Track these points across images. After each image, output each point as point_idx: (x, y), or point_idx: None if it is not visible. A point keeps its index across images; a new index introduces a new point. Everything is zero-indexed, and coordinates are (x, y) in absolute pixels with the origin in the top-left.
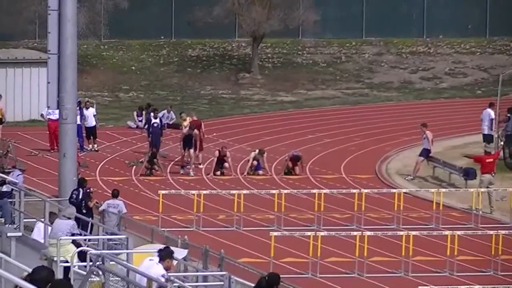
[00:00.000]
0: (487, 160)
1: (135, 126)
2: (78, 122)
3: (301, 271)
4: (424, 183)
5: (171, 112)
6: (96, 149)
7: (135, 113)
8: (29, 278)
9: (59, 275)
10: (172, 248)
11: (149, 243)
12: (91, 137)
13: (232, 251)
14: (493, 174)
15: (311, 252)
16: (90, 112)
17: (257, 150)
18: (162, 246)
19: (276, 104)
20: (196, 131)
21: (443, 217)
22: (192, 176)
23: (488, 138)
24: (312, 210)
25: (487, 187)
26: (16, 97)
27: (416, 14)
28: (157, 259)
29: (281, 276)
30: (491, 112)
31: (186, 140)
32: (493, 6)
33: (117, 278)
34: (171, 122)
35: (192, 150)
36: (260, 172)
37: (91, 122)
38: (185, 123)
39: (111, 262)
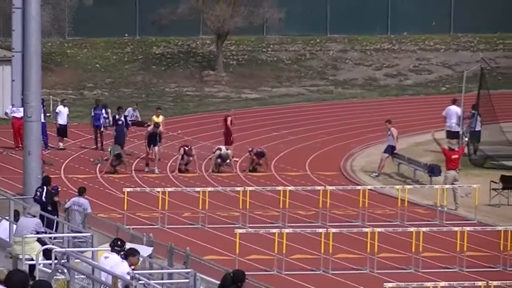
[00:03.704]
0: (452, 157)
1: None
2: (43, 120)
3: (267, 268)
4: (389, 180)
5: (136, 110)
6: (62, 147)
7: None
8: (4, 283)
9: None
10: (137, 246)
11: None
12: (62, 135)
13: (197, 249)
14: (458, 171)
15: (276, 249)
16: (65, 110)
17: (222, 148)
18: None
19: (241, 101)
20: (161, 128)
21: (408, 214)
22: (156, 173)
23: (456, 135)
24: (277, 207)
25: (452, 184)
26: None
27: (380, 11)
28: (112, 254)
29: (246, 273)
30: (458, 109)
31: (151, 137)
32: (457, 3)
33: (82, 276)
34: (133, 119)
35: (156, 148)
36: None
37: (65, 120)
38: (158, 119)
39: (76, 260)
